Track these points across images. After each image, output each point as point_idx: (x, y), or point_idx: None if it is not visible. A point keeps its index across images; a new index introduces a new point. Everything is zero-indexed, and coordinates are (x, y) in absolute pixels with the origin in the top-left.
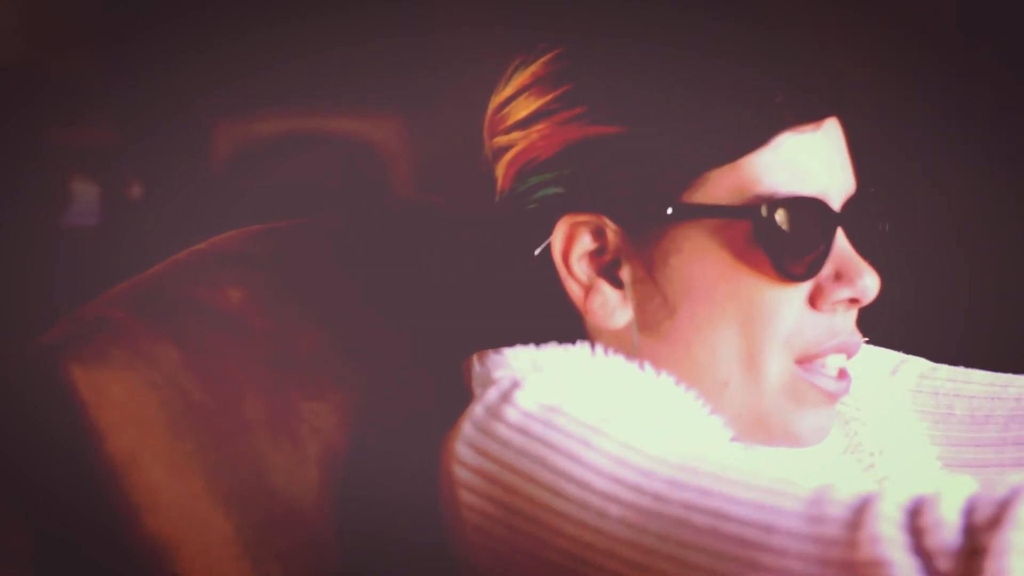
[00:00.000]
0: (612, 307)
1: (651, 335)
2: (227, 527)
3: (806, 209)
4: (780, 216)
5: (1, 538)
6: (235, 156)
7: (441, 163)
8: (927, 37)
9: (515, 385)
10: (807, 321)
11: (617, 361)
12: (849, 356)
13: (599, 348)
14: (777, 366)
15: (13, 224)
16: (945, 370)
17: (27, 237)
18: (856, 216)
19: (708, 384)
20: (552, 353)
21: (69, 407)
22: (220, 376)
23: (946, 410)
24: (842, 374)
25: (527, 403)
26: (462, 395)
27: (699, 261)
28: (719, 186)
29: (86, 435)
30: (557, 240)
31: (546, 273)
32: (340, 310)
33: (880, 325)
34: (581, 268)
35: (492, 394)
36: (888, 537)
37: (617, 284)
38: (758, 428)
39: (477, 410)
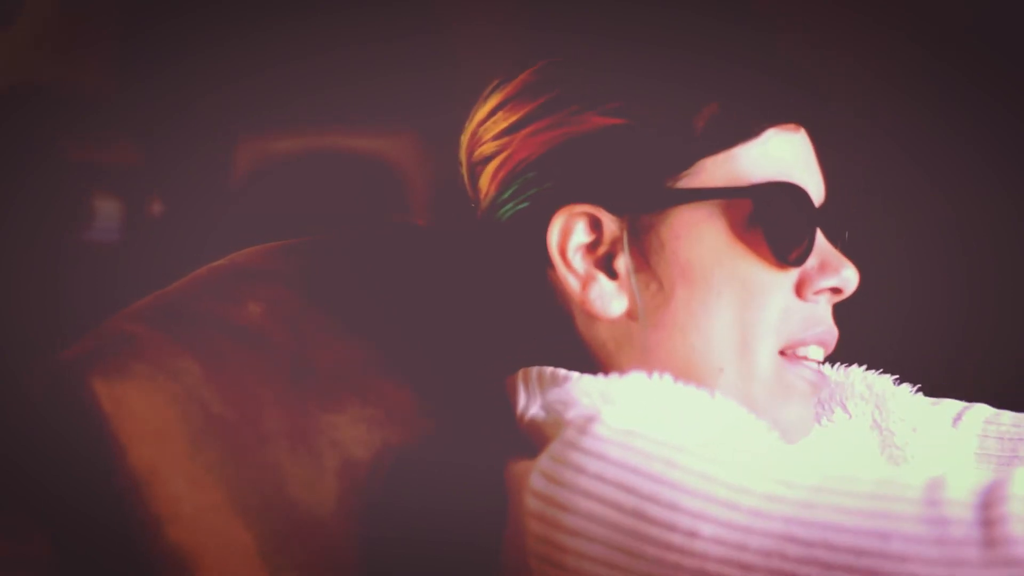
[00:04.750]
0: (608, 297)
1: (647, 323)
2: (246, 538)
3: (798, 198)
4: (779, 199)
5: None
6: (255, 173)
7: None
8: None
9: (591, 419)
10: (793, 309)
11: (687, 389)
12: (827, 349)
13: (667, 376)
14: (766, 352)
15: (35, 240)
16: (1008, 415)
17: (49, 253)
18: (826, 220)
19: (704, 370)
20: (618, 383)
21: (92, 420)
22: (240, 389)
23: (1011, 453)
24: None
25: (604, 431)
26: (480, 406)
27: (697, 245)
28: (712, 175)
29: (108, 447)
30: (554, 234)
31: (537, 275)
32: (358, 324)
33: (880, 327)
34: (577, 261)
35: (569, 431)
36: None
37: (612, 275)
38: None
39: (555, 445)
